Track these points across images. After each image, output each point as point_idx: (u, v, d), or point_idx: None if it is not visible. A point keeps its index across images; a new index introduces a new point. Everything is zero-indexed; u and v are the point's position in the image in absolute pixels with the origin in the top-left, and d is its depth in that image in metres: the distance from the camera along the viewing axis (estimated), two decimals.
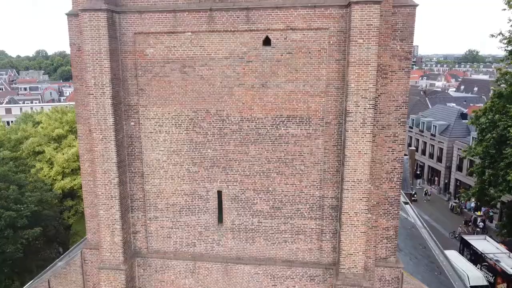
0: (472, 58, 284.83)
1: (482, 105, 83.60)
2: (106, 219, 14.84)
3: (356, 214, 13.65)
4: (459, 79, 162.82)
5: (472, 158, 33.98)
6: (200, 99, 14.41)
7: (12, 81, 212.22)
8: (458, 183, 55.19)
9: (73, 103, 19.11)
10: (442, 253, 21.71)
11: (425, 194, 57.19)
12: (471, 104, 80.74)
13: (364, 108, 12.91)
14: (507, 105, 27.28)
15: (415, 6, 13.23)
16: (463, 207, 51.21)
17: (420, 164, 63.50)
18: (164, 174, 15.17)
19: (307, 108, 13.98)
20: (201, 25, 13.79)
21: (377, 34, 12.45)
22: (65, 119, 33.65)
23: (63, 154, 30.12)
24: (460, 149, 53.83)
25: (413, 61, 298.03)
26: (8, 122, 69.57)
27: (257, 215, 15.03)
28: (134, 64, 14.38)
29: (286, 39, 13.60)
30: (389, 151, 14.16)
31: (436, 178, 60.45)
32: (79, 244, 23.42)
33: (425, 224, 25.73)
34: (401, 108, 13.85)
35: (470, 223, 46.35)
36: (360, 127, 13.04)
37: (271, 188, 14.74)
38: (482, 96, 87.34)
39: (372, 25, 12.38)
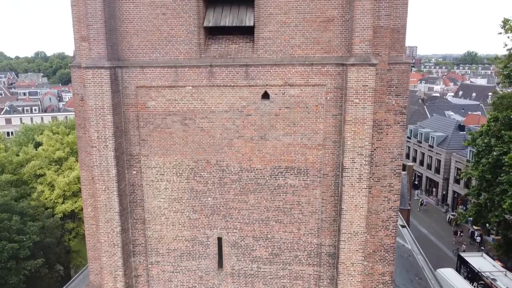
0: (470, 59, 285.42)
1: (480, 113, 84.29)
2: (109, 265, 15.19)
3: (352, 264, 14.03)
4: (458, 83, 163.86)
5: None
6: (201, 150, 14.76)
7: (11, 84, 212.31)
8: (455, 195, 55.64)
9: (73, 113, 19.04)
10: (438, 284, 22.10)
11: (421, 204, 57.65)
12: (469, 112, 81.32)
13: (360, 164, 13.28)
14: (503, 131, 27.69)
15: (409, 63, 13.60)
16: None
17: (418, 174, 63.96)
18: (165, 221, 15.53)
19: (305, 160, 14.35)
20: (202, 80, 14.14)
21: (372, 95, 12.82)
22: (65, 140, 33.98)
23: (64, 177, 30.47)
24: (458, 161, 54.31)
25: (412, 63, 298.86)
26: (8, 133, 69.85)
27: (256, 261, 15.39)
28: (136, 116, 14.73)
29: (284, 94, 13.96)
30: (384, 201, 14.52)
31: (434, 189, 60.91)
32: (80, 273, 23.78)
33: (421, 251, 26.11)
34: (396, 160, 14.22)
35: (461, 233, 47.04)
36: (357, 182, 13.41)
37: (270, 235, 15.11)
38: (480, 104, 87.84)
39: (367, 86, 12.74)
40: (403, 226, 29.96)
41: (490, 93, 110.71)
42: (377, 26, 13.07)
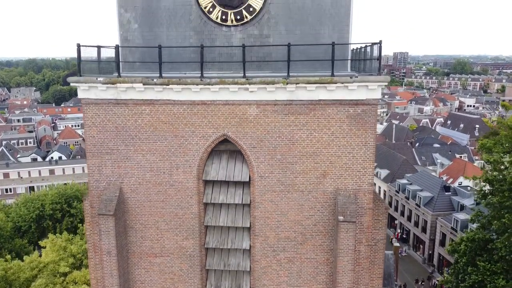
0: (460, 69, 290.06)
1: (466, 156, 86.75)
2: None
3: None
4: (447, 103, 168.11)
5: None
6: None
7: (4, 100, 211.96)
8: (441, 257, 58.11)
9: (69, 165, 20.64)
10: None
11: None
12: (456, 155, 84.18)
13: None
14: (478, 261, 29.94)
15: None
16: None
17: (406, 229, 66.45)
18: None
19: None
20: None
21: None
22: (69, 249, 35.84)
23: None
24: (443, 226, 56.84)
25: (403, 72, 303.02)
26: (6, 190, 70.99)
27: None
28: None
29: None
30: None
31: (421, 246, 63.37)
32: None
33: None
34: None
35: (422, 283, 49.82)
36: None
37: None
38: (467, 146, 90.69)
39: None
40: None
41: (477, 125, 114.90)
42: None
